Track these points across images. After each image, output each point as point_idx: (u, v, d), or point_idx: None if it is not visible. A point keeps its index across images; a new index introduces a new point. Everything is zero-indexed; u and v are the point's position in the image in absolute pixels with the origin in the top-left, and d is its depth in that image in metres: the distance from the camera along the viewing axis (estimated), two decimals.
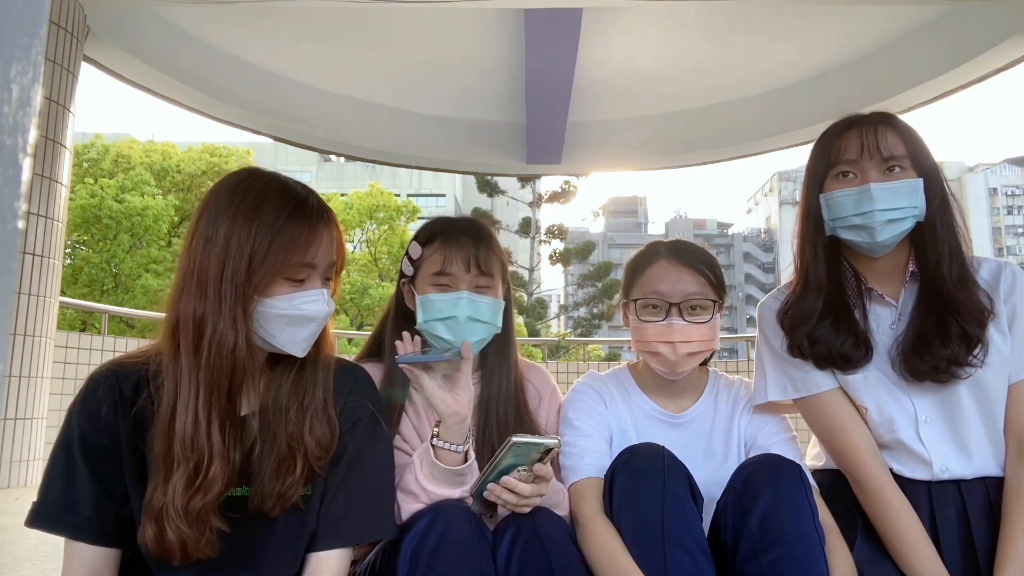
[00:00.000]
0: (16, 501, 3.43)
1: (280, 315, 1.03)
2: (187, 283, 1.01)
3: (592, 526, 1.20)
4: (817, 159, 1.35)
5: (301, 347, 1.07)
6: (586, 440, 1.35)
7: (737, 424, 1.41)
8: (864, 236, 1.28)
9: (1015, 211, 59.56)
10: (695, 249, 1.41)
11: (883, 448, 1.31)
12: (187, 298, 1.00)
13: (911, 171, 1.27)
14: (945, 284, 1.26)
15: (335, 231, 1.09)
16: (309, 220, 1.05)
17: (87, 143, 17.53)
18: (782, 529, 1.10)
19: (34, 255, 4.08)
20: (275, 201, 1.04)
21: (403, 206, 21.63)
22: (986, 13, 4.69)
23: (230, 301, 0.99)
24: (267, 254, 1.00)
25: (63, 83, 4.31)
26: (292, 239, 1.02)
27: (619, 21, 5.06)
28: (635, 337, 1.40)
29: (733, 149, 6.62)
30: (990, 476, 1.26)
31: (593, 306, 21.36)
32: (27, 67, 0.32)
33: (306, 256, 1.04)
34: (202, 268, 1.00)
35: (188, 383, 0.99)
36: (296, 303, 1.04)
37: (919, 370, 1.25)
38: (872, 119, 1.31)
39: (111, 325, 7.06)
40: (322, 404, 1.09)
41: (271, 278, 1.02)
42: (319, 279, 1.07)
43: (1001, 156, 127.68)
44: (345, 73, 5.96)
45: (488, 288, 1.34)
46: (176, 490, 0.95)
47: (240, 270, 1.00)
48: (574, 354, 14.86)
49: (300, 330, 1.05)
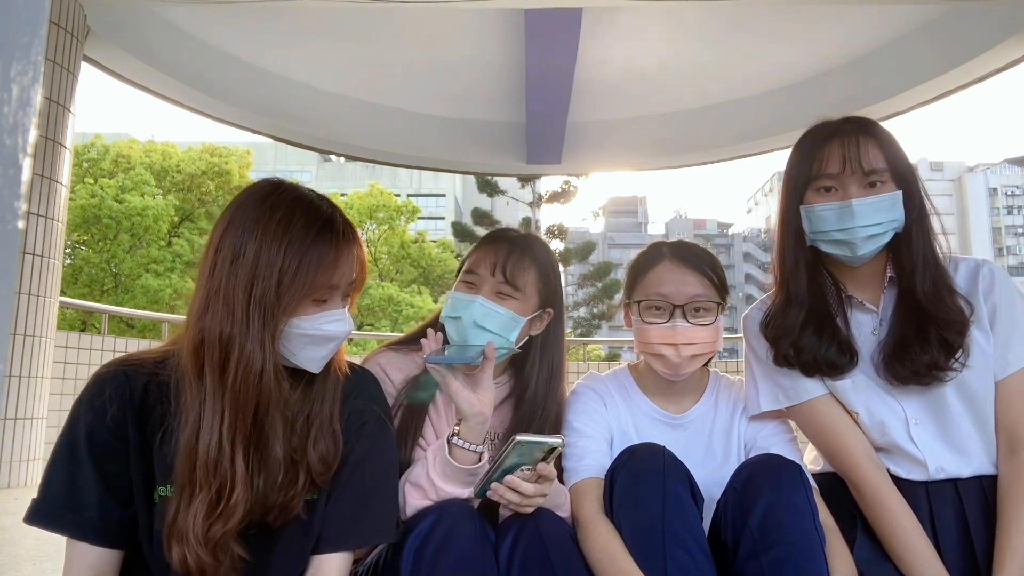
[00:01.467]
0: (16, 501, 3.43)
1: (303, 335, 1.03)
2: (212, 301, 0.98)
3: (592, 526, 1.20)
4: (797, 169, 1.34)
5: (318, 365, 1.07)
6: (586, 441, 1.35)
7: (737, 425, 1.41)
8: (845, 251, 1.29)
9: (1015, 211, 59.54)
10: (698, 250, 1.41)
11: (879, 450, 1.31)
12: (212, 317, 0.98)
13: (891, 183, 1.27)
14: (918, 293, 1.27)
15: (357, 249, 1.09)
16: (336, 240, 1.04)
17: (87, 143, 17.53)
18: (782, 529, 1.10)
19: (34, 255, 4.08)
20: (303, 219, 1.02)
21: (403, 206, 21.63)
22: (986, 13, 4.69)
23: (258, 323, 0.97)
24: (296, 275, 0.99)
25: (63, 83, 4.31)
26: (320, 260, 1.01)
27: (619, 21, 5.06)
28: (638, 338, 1.39)
29: (733, 149, 6.61)
30: (986, 475, 1.26)
31: (593, 306, 21.36)
32: (27, 67, 0.32)
33: (332, 277, 1.03)
34: (228, 286, 0.98)
35: (213, 406, 0.97)
36: (319, 323, 1.03)
37: (901, 375, 1.26)
38: (853, 129, 1.30)
39: (111, 325, 7.06)
40: (328, 419, 1.08)
41: (299, 300, 1.00)
42: (340, 298, 1.07)
43: (1001, 156, 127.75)
44: (345, 73, 5.96)
45: (510, 299, 1.32)
46: (197, 516, 0.94)
47: (269, 291, 0.98)
48: (574, 354, 14.83)
49: (320, 349, 1.05)
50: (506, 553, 1.09)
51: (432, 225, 38.86)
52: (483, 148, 6.74)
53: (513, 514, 1.16)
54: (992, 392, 1.27)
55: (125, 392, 1.00)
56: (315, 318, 1.03)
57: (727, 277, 1.41)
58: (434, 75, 5.91)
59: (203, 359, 0.98)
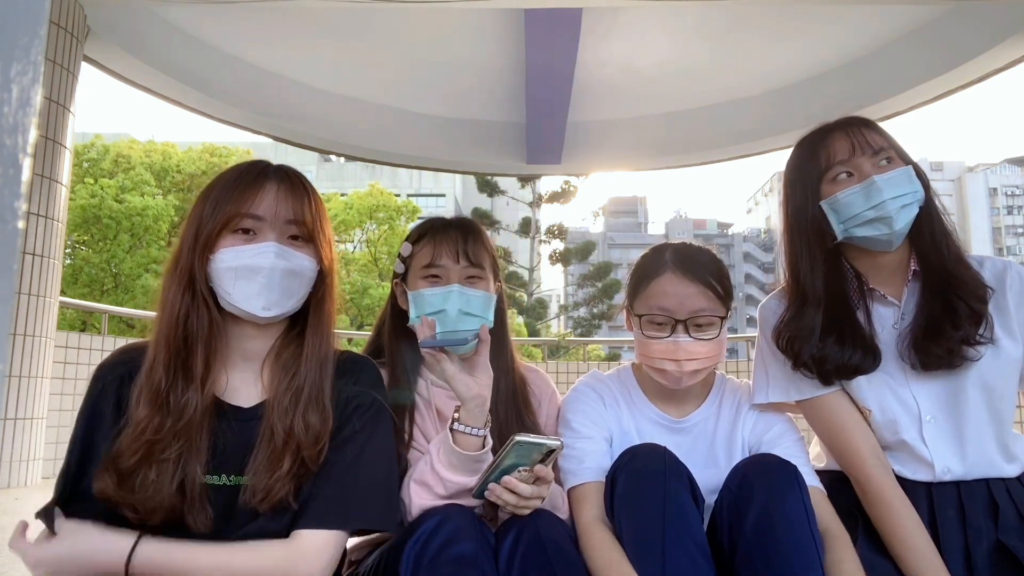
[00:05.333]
0: (16, 501, 3.42)
1: (227, 268, 1.05)
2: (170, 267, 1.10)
3: (591, 531, 1.20)
4: (805, 169, 1.34)
5: (257, 303, 1.05)
6: (585, 442, 1.34)
7: (741, 429, 1.40)
8: (882, 228, 1.26)
9: (1015, 211, 59.53)
10: (703, 258, 1.36)
11: (885, 450, 1.31)
12: (166, 274, 1.09)
13: (899, 161, 1.29)
14: (946, 263, 1.28)
15: (292, 188, 1.10)
16: (253, 173, 1.09)
17: (87, 143, 17.52)
18: (775, 532, 1.09)
19: (34, 255, 4.08)
20: (231, 171, 1.11)
21: (403, 206, 21.61)
22: (986, 13, 4.69)
23: (184, 265, 1.06)
24: (213, 213, 1.06)
25: (63, 83, 4.31)
26: (235, 193, 1.07)
27: (619, 21, 5.06)
28: (639, 351, 1.37)
29: (733, 149, 6.61)
30: (993, 478, 1.26)
31: (593, 306, 21.33)
32: (27, 67, 0.32)
33: (248, 207, 1.06)
34: (176, 247, 1.09)
35: (153, 352, 1.05)
36: (244, 255, 1.05)
37: (933, 355, 1.25)
38: (851, 121, 1.33)
39: (111, 325, 7.06)
40: (317, 393, 1.08)
41: (218, 233, 1.06)
42: (273, 233, 1.07)
43: (1001, 156, 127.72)
44: (345, 73, 5.96)
45: (479, 280, 1.35)
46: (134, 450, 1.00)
47: (190, 234, 1.07)
48: (574, 354, 14.85)
49: (249, 283, 1.05)
50: (506, 555, 1.09)
51: None
52: (483, 148, 6.74)
53: (512, 516, 1.16)
54: (1012, 397, 1.28)
55: (123, 377, 1.08)
56: (239, 250, 1.05)
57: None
58: (434, 75, 5.91)
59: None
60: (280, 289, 1.06)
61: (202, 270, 1.05)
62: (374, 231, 21.10)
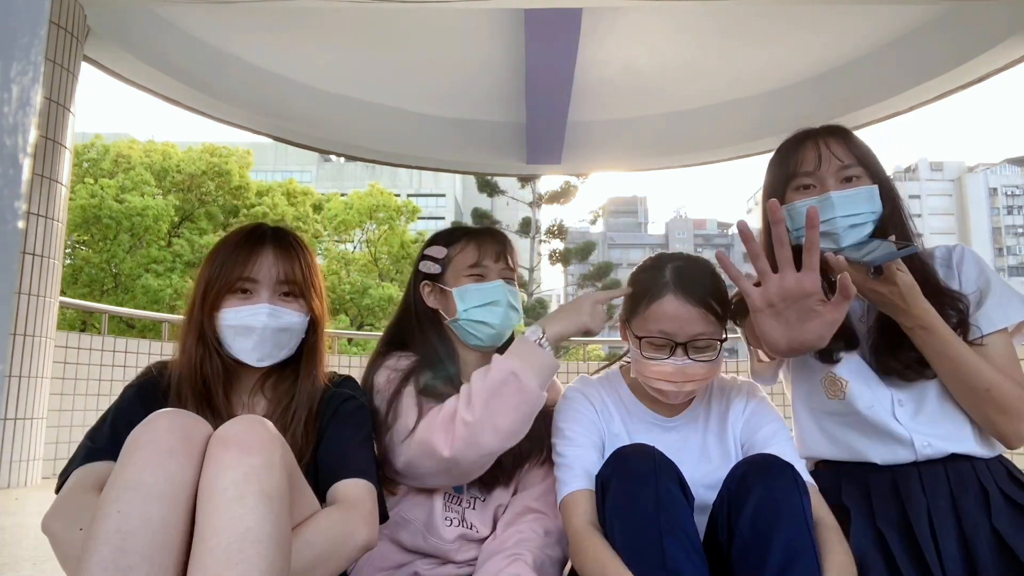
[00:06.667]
0: (16, 501, 3.42)
1: (228, 326, 1.21)
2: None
3: (582, 536, 1.20)
4: (776, 173, 1.38)
5: (252, 356, 1.22)
6: (576, 451, 1.34)
7: (732, 425, 1.40)
8: (828, 243, 1.30)
9: (1015, 211, 59.53)
10: (704, 278, 1.34)
11: (863, 434, 1.33)
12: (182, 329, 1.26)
13: (866, 179, 1.32)
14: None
15: (285, 251, 1.25)
16: (251, 241, 1.25)
17: (87, 143, 17.52)
18: (771, 530, 1.09)
19: (34, 255, 4.08)
20: (234, 236, 1.27)
21: (403, 206, 21.61)
22: (986, 13, 4.69)
23: (195, 319, 1.22)
24: (218, 275, 1.22)
25: (63, 83, 4.31)
26: (235, 258, 1.22)
27: (619, 21, 5.06)
28: (636, 368, 1.37)
29: (733, 149, 6.61)
30: (977, 456, 1.28)
31: None
32: (27, 67, 0.32)
33: (245, 271, 1.22)
34: (188, 303, 1.26)
35: (176, 388, 1.20)
36: (241, 315, 1.21)
37: (891, 368, 1.30)
38: (824, 132, 1.37)
39: (111, 325, 7.06)
40: (303, 421, 1.22)
41: (221, 295, 1.21)
42: (267, 294, 1.22)
43: (1001, 156, 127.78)
44: (345, 73, 5.96)
45: (513, 280, 1.52)
46: None
47: (199, 293, 1.23)
48: (574, 354, 14.85)
49: (245, 340, 1.21)
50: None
51: (432, 225, 38.85)
52: (483, 148, 6.74)
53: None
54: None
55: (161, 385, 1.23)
56: (237, 310, 1.21)
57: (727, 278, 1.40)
58: (434, 75, 5.91)
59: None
60: (272, 343, 1.23)
61: (210, 325, 1.22)
62: (374, 231, 21.10)
